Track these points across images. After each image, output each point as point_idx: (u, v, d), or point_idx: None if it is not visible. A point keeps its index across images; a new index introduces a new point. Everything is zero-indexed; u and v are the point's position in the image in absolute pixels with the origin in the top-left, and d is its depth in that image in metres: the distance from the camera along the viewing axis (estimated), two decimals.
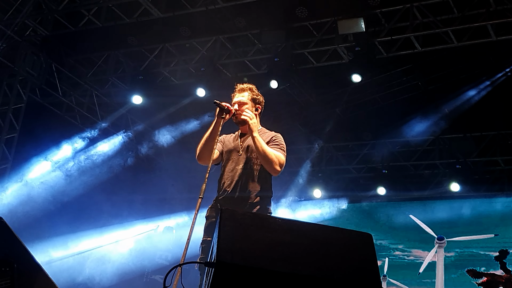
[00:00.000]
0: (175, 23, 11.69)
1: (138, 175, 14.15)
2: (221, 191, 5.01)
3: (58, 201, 12.35)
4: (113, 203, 13.27)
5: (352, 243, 3.54)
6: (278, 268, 3.24)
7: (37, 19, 11.95)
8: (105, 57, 13.33)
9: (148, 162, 14.38)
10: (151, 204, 14.38)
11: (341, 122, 14.07)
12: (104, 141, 13.97)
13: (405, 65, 12.60)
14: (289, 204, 15.17)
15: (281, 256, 3.29)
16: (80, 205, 12.75)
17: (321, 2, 10.81)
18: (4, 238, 3.97)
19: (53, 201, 12.21)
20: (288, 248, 3.34)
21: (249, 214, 3.60)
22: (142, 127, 14.38)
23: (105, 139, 14.03)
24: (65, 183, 12.76)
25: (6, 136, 12.18)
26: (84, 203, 12.80)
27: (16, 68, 12.18)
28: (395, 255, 14.31)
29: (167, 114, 14.01)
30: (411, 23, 10.59)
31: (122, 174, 13.75)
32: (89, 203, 12.87)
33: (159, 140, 14.42)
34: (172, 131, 14.23)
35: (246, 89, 5.26)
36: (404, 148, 14.49)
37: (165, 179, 14.98)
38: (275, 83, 11.51)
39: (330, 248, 3.45)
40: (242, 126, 5.18)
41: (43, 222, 11.75)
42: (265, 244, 3.33)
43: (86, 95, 14.00)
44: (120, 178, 13.64)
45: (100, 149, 13.79)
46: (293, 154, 15.38)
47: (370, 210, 15.02)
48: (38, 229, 11.33)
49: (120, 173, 13.74)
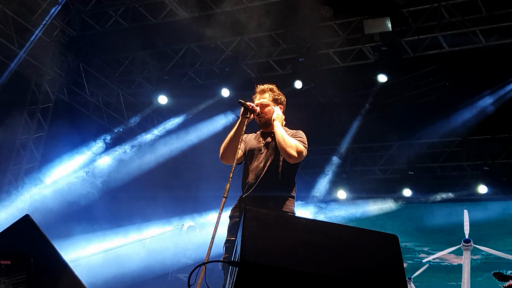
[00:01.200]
0: (200, 24, 11.72)
1: (163, 174, 14.21)
2: (244, 190, 5.01)
3: (84, 199, 12.48)
4: (138, 202, 13.36)
5: (377, 244, 3.51)
6: (301, 269, 3.23)
7: (65, 20, 12.08)
8: (132, 58, 13.44)
9: (172, 162, 14.43)
10: (175, 203, 14.43)
11: (366, 122, 13.98)
12: (130, 140, 14.07)
13: (432, 65, 12.45)
14: (313, 205, 15.11)
15: (305, 257, 3.28)
16: (105, 203, 12.86)
17: (347, 2, 10.75)
18: (31, 235, 4.01)
19: (78, 199, 12.34)
20: (312, 248, 3.33)
21: (273, 214, 3.59)
22: (167, 127, 14.43)
23: (131, 138, 14.13)
24: (91, 181, 12.87)
25: (34, 135, 12.35)
26: (110, 201, 12.91)
27: (44, 68, 12.34)
28: (420, 257, 14.18)
29: (192, 114, 14.06)
30: (439, 22, 10.46)
31: (147, 173, 13.82)
32: (115, 202, 12.97)
33: (184, 140, 14.47)
34: (196, 131, 14.27)
35: (267, 90, 5.25)
36: (430, 150, 14.35)
37: (189, 179, 15.02)
38: (299, 83, 11.48)
39: (355, 249, 3.43)
40: (264, 127, 5.18)
41: (69, 220, 11.88)
42: (289, 244, 3.32)
43: (112, 95, 14.14)
44: (145, 177, 13.72)
45: (127, 148, 13.89)
46: (317, 155, 15.34)
47: (395, 212, 14.88)
48: (64, 227, 11.44)
49: (146, 172, 13.81)
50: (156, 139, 14.32)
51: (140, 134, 14.30)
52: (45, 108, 12.57)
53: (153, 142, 14.27)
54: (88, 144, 13.27)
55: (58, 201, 11.90)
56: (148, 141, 14.21)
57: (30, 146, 12.26)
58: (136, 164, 13.80)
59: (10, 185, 11.73)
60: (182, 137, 14.44)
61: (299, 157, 4.88)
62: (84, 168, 12.98)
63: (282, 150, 4.89)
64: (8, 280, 3.31)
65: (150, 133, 14.33)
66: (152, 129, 14.47)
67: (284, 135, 4.90)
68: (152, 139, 14.27)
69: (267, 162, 5.00)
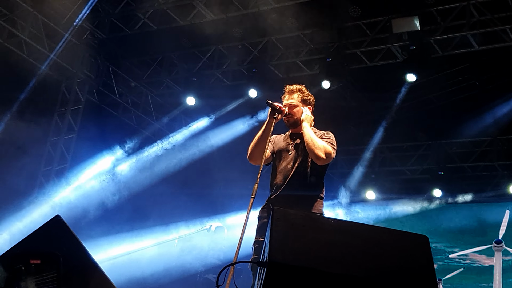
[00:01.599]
0: (227, 25, 11.76)
1: (191, 175, 14.28)
2: (273, 191, 5.01)
3: (112, 200, 12.60)
4: (167, 202, 13.44)
5: (407, 245, 3.48)
6: (330, 269, 3.21)
7: (94, 23, 12.22)
8: (160, 59, 13.54)
9: (200, 162, 14.49)
10: (203, 204, 14.48)
11: (395, 122, 13.86)
12: (158, 141, 14.17)
13: (461, 64, 12.31)
14: (341, 206, 15.04)
15: (334, 257, 3.26)
16: (134, 204, 12.97)
17: (375, 1, 10.69)
18: (61, 235, 4.04)
19: (107, 200, 12.46)
20: (340, 249, 3.32)
21: (301, 214, 3.58)
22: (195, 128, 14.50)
23: (159, 139, 14.23)
24: (120, 182, 12.99)
25: (65, 137, 12.51)
26: (138, 202, 13.01)
27: (74, 70, 12.51)
28: (450, 258, 14.02)
29: (220, 115, 14.11)
30: (468, 21, 10.33)
31: (175, 173, 13.90)
32: (144, 203, 13.07)
33: (211, 141, 14.53)
34: (224, 131, 14.31)
35: (296, 90, 5.23)
36: (460, 149, 14.19)
37: (218, 179, 15.07)
38: (327, 83, 11.44)
39: (384, 250, 3.40)
40: (293, 128, 5.16)
41: (97, 221, 12.00)
42: (318, 245, 3.31)
43: (141, 96, 14.27)
44: (173, 177, 13.80)
45: (155, 149, 14.00)
46: (345, 155, 15.26)
47: (424, 213, 14.72)
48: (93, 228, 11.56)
49: (174, 172, 13.89)
50: (184, 139, 14.39)
51: (168, 135, 14.40)
52: (75, 110, 12.73)
53: (181, 143, 14.35)
54: (117, 145, 13.40)
55: (86, 202, 12.04)
56: (176, 141, 14.29)
57: (61, 147, 12.42)
58: (164, 164, 13.89)
59: (41, 186, 11.89)
60: (210, 138, 14.50)
61: (327, 158, 4.85)
62: (113, 169, 13.11)
63: (311, 152, 4.87)
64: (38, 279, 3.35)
65: (178, 134, 14.42)
66: (180, 129, 14.55)
67: (312, 137, 4.88)
68: (180, 139, 14.35)
69: (296, 163, 4.98)
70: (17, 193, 11.04)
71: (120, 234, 12.54)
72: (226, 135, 14.29)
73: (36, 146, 12.00)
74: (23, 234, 8.23)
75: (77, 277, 3.97)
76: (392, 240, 3.49)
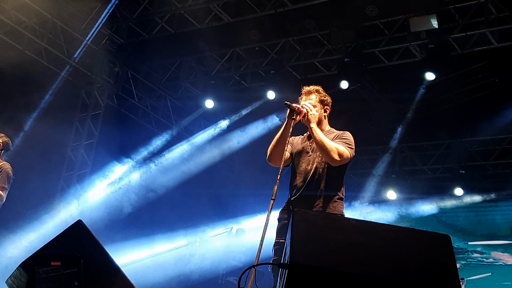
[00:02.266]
0: (244, 27, 11.78)
1: (211, 178, 14.32)
2: (292, 192, 5.00)
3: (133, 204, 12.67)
4: (188, 205, 13.49)
5: (429, 244, 3.45)
6: (352, 270, 3.20)
7: (112, 28, 12.31)
8: (178, 63, 13.60)
9: (220, 164, 14.53)
10: (223, 206, 14.53)
11: (415, 121, 13.78)
12: (178, 144, 14.24)
13: (480, 62, 12.20)
14: (362, 206, 14.98)
15: (355, 258, 3.25)
16: (155, 207, 13.03)
17: (392, 0, 10.63)
18: (83, 239, 4.07)
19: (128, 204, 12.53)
20: (362, 249, 3.30)
21: (322, 215, 3.58)
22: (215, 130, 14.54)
23: (180, 142, 14.29)
24: (141, 186, 13.07)
25: (85, 142, 12.60)
26: (159, 206, 13.08)
27: (94, 76, 12.61)
28: (473, 257, 13.89)
29: (238, 117, 14.14)
30: (486, 18, 10.23)
31: (195, 177, 13.95)
32: (164, 206, 13.12)
33: (231, 143, 14.56)
34: (243, 133, 14.33)
35: (313, 91, 5.22)
36: (482, 147, 14.07)
37: (237, 182, 15.09)
38: (345, 83, 11.41)
39: (406, 250, 3.39)
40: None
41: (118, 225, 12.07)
42: (339, 246, 3.30)
43: (160, 100, 14.34)
44: (194, 180, 13.85)
45: (175, 152, 14.07)
46: (365, 155, 15.21)
47: (446, 211, 14.61)
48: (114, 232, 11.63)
49: (194, 176, 13.94)
50: (204, 142, 14.44)
51: (187, 138, 14.46)
52: (95, 115, 12.83)
53: (201, 146, 14.40)
54: (137, 149, 13.48)
55: (107, 207, 12.12)
56: (195, 144, 14.35)
57: (82, 152, 12.51)
58: (184, 168, 13.95)
59: (63, 191, 11.99)
60: (229, 140, 14.54)
61: (341, 159, 4.80)
62: (133, 173, 13.18)
63: (322, 154, 4.86)
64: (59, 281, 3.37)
65: (197, 137, 14.47)
66: (200, 132, 14.60)
67: (322, 138, 4.83)
68: (200, 142, 14.40)
69: (314, 164, 4.96)
70: (39, 198, 11.15)
71: (142, 238, 12.61)
72: (245, 136, 14.31)
73: (57, 151, 12.13)
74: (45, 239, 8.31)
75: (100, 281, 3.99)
76: (414, 240, 3.47)
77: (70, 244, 4.03)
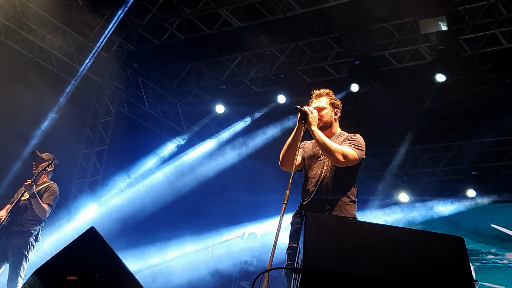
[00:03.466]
0: (254, 32, 11.80)
1: (223, 183, 14.33)
2: (304, 196, 5.00)
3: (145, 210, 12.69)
4: (200, 210, 13.51)
5: (443, 247, 3.44)
6: (366, 273, 3.20)
7: (122, 35, 12.36)
8: (188, 69, 13.64)
9: (231, 169, 14.54)
10: (235, 211, 14.53)
11: (426, 123, 13.74)
12: (189, 150, 14.28)
13: (491, 63, 12.14)
14: (374, 209, 14.93)
15: (369, 261, 3.24)
16: (167, 213, 13.04)
17: (401, 2, 10.62)
18: (96, 247, 4.07)
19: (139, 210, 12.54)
20: (375, 252, 3.30)
21: (335, 219, 3.57)
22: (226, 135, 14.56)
23: (190, 148, 14.33)
24: (153, 192, 13.08)
25: (97, 149, 12.65)
26: (171, 211, 13.08)
27: (104, 83, 12.67)
28: (487, 259, 13.80)
29: (249, 122, 14.15)
30: (496, 18, 10.19)
31: (208, 182, 13.96)
32: (177, 211, 13.14)
33: (242, 147, 14.58)
34: (254, 138, 14.35)
35: (324, 94, 5.22)
36: (494, 148, 14.00)
37: (249, 186, 15.09)
38: (356, 86, 11.39)
39: (420, 253, 3.38)
40: (322, 131, 5.13)
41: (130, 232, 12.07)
42: (352, 249, 3.30)
43: (171, 106, 14.39)
44: (205, 185, 13.87)
45: (186, 158, 14.10)
46: (377, 158, 15.18)
47: (460, 213, 14.52)
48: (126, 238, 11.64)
49: (206, 181, 13.96)
50: (215, 147, 14.47)
51: (199, 143, 14.49)
52: (106, 122, 12.87)
53: (212, 151, 14.43)
54: (148, 156, 13.52)
55: (119, 213, 12.13)
56: (207, 149, 14.38)
57: (93, 159, 12.56)
58: (196, 173, 13.97)
59: (75, 198, 12.03)
60: (240, 145, 14.55)
61: (346, 160, 4.77)
62: (145, 179, 13.21)
63: (326, 156, 4.85)
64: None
65: (208, 142, 14.50)
66: (211, 137, 14.64)
67: (324, 140, 4.81)
68: (212, 147, 14.43)
69: (326, 168, 4.95)
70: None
71: (155, 244, 12.63)
72: (256, 141, 14.32)
73: (69, 158, 12.17)
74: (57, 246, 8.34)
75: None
76: (427, 243, 3.46)
77: (83, 251, 4.03)
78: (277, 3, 10.85)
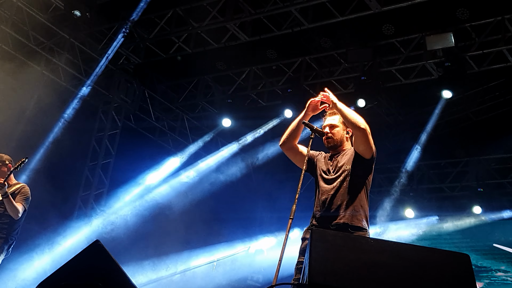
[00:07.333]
0: (261, 46, 11.84)
1: (229, 197, 14.29)
2: (316, 211, 4.98)
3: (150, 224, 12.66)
4: (204, 225, 13.47)
5: (449, 264, 3.42)
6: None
7: (129, 48, 12.42)
8: (195, 82, 13.67)
9: (238, 183, 14.51)
10: (241, 226, 14.48)
11: (432, 139, 13.71)
12: (195, 163, 14.26)
13: (497, 80, 12.15)
14: (380, 224, 14.86)
15: (375, 278, 3.23)
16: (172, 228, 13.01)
17: (408, 19, 10.64)
18: (101, 260, 4.06)
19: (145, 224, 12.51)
20: (382, 269, 3.28)
21: (341, 235, 3.56)
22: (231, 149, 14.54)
23: (197, 161, 14.32)
24: (158, 206, 13.06)
25: (102, 162, 12.64)
26: (176, 226, 13.05)
27: (111, 95, 12.69)
28: (497, 276, 13.70)
29: (256, 136, 14.14)
30: (503, 35, 10.22)
31: (213, 196, 13.93)
32: (182, 226, 13.11)
33: (249, 162, 14.56)
34: (261, 152, 14.34)
35: (337, 112, 5.23)
36: (500, 165, 13.96)
37: (255, 200, 15.06)
38: (362, 102, 11.39)
39: (425, 269, 3.36)
40: (333, 150, 5.14)
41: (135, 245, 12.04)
42: (358, 265, 3.28)
43: (177, 120, 14.41)
44: (211, 200, 13.83)
45: (192, 171, 14.08)
46: (383, 173, 15.12)
47: (466, 230, 14.43)
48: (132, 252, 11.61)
49: (211, 195, 13.93)
50: (222, 161, 14.45)
51: (205, 157, 14.48)
52: (112, 134, 12.88)
53: (219, 164, 14.41)
54: (154, 169, 13.51)
55: (124, 227, 12.11)
56: (213, 163, 14.36)
57: (99, 172, 12.55)
58: (201, 187, 13.94)
59: (80, 210, 12.02)
60: (247, 159, 14.53)
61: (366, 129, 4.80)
62: (150, 193, 13.18)
63: (349, 123, 4.92)
64: None
65: (215, 156, 14.49)
66: (217, 151, 14.62)
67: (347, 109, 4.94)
68: (218, 161, 14.41)
69: (337, 183, 4.95)
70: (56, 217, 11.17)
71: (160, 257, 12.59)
72: (262, 155, 14.30)
73: (75, 171, 12.19)
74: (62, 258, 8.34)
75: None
76: (433, 259, 3.44)
77: (87, 264, 4.02)
78: (284, 18, 10.89)
